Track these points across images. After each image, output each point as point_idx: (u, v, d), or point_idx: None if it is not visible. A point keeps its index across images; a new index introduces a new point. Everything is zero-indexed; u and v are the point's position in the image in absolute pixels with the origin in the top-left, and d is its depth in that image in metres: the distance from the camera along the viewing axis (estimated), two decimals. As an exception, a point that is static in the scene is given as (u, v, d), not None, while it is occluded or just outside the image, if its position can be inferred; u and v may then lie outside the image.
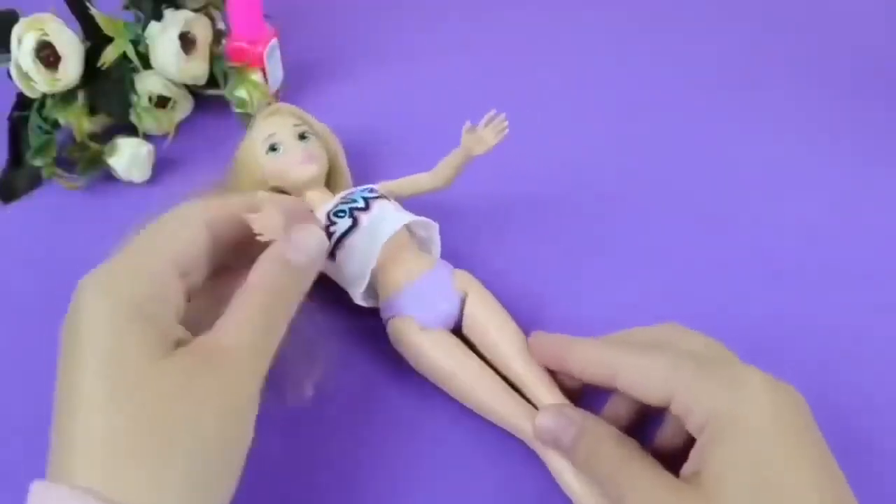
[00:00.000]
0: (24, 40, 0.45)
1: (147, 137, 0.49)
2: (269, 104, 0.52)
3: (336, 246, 0.36)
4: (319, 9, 0.68)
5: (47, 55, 0.45)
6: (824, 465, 0.24)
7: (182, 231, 0.26)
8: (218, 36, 0.52)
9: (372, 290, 0.37)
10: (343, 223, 0.36)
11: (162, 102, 0.50)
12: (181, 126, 0.52)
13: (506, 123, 0.38)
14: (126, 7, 0.50)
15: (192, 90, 0.52)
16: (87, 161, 0.46)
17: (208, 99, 0.53)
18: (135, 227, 0.38)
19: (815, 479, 0.23)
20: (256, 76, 0.51)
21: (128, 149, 0.46)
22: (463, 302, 0.36)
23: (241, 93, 0.51)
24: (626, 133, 0.53)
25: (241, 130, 0.52)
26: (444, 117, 0.55)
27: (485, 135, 0.38)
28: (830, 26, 0.66)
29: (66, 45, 0.45)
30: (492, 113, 0.38)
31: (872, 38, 0.64)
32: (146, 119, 0.49)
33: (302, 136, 0.40)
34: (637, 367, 0.27)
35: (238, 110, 0.52)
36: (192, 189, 0.43)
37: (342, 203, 0.37)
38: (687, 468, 0.25)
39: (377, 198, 0.37)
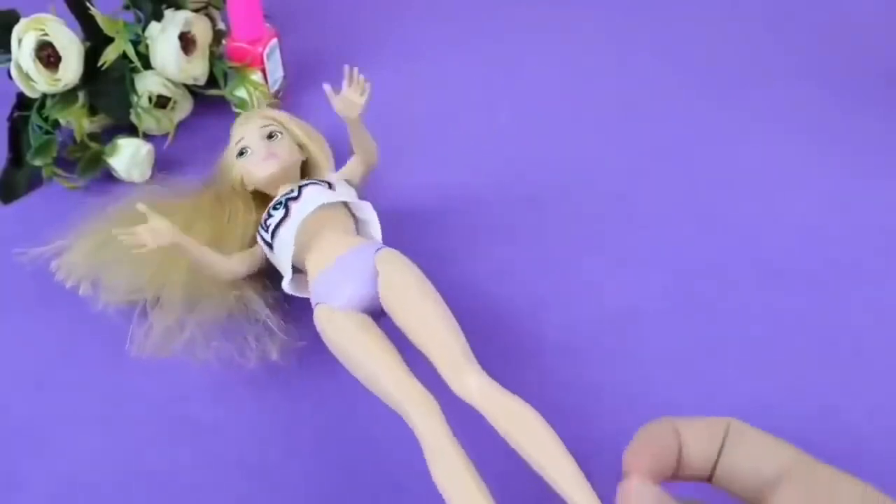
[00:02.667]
0: (24, 40, 0.45)
1: (147, 137, 0.49)
2: (270, 104, 0.52)
3: (272, 237, 0.37)
4: (319, 9, 0.68)
5: (47, 55, 0.45)
6: None
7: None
8: (218, 36, 0.53)
9: (304, 279, 0.38)
10: (277, 214, 0.37)
11: (162, 102, 0.50)
12: (181, 126, 0.52)
13: (363, 78, 0.38)
14: (126, 7, 0.50)
15: (192, 90, 0.52)
16: (87, 161, 0.46)
17: (208, 99, 0.53)
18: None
19: None
20: (256, 76, 0.51)
21: (128, 149, 0.46)
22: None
23: (241, 92, 0.51)
24: (626, 133, 0.53)
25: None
26: (443, 115, 0.55)
27: (350, 95, 0.38)
28: (831, 26, 0.66)
29: (67, 46, 0.45)
30: (347, 69, 0.38)
31: (873, 38, 0.64)
32: (146, 119, 0.49)
33: (270, 136, 0.42)
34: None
35: (238, 110, 0.52)
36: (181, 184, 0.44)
37: (284, 195, 0.38)
38: None
39: (309, 185, 0.39)
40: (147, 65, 0.49)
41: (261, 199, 0.42)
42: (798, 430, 0.34)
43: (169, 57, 0.48)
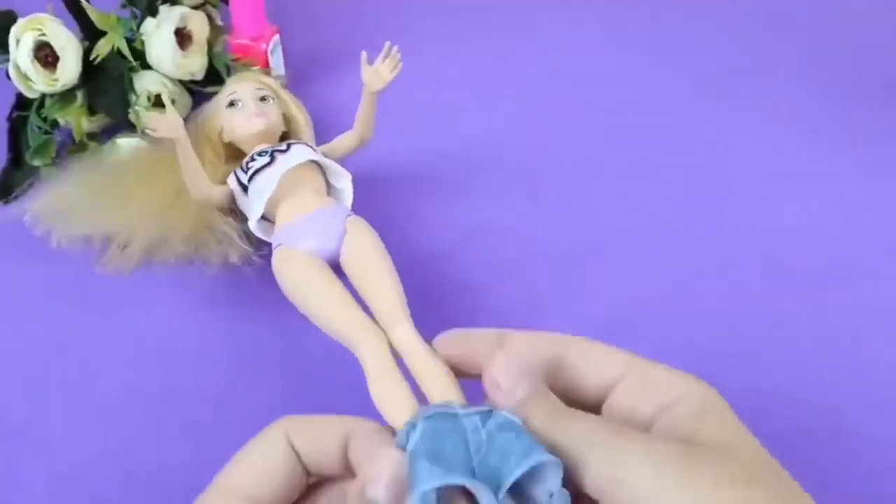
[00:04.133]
0: (22, 40, 0.44)
1: (146, 136, 0.49)
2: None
3: (250, 180, 0.39)
4: (322, 5, 0.68)
5: (45, 55, 0.45)
6: None
7: (261, 459, 0.24)
8: (217, 31, 0.52)
9: (271, 226, 0.39)
10: (261, 160, 0.39)
11: (160, 101, 0.50)
12: (180, 125, 0.52)
13: (399, 56, 0.41)
14: (123, 5, 0.50)
15: (191, 88, 0.52)
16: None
17: (207, 97, 0.52)
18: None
19: None
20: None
21: (127, 148, 0.46)
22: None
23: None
24: (626, 132, 0.53)
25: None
26: (446, 111, 0.55)
27: (381, 69, 0.41)
28: (832, 26, 0.65)
29: (65, 46, 0.45)
30: (387, 45, 0.41)
31: (874, 38, 0.64)
32: (144, 118, 0.49)
33: (262, 98, 0.43)
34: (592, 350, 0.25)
35: (237, 109, 0.52)
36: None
37: (271, 147, 0.40)
38: None
39: (298, 143, 0.40)
40: (144, 62, 0.49)
41: (231, 154, 0.44)
42: (799, 430, 0.34)
43: (164, 53, 0.48)
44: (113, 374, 0.37)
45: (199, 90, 0.52)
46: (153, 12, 0.48)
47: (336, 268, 0.36)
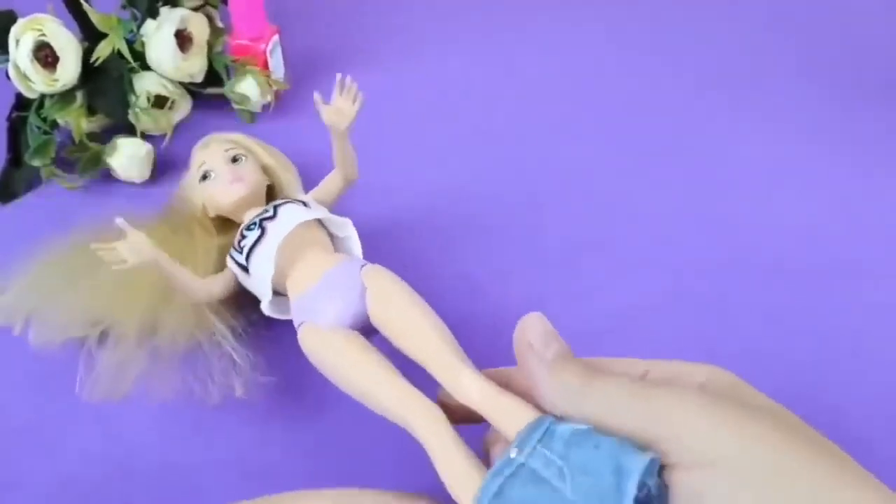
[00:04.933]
0: (21, 41, 0.44)
1: (146, 137, 0.49)
2: (271, 101, 0.52)
3: (247, 259, 0.35)
4: (322, 5, 0.68)
5: (45, 55, 0.45)
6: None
7: None
8: (217, 33, 0.52)
9: (284, 301, 0.36)
10: (252, 235, 0.36)
11: (160, 102, 0.50)
12: (181, 126, 0.52)
13: (355, 86, 0.37)
14: (124, 7, 0.50)
15: (191, 90, 0.52)
16: (86, 161, 0.46)
17: (208, 98, 0.53)
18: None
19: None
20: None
21: (127, 149, 0.46)
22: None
23: (242, 88, 0.51)
24: (626, 132, 0.53)
25: (241, 129, 0.52)
26: (445, 113, 0.55)
27: (342, 105, 0.37)
28: (832, 26, 0.65)
29: (64, 46, 0.45)
30: (339, 78, 0.37)
31: (874, 38, 0.64)
32: (144, 119, 0.49)
33: (234, 160, 0.40)
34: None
35: (238, 107, 0.52)
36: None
37: (258, 216, 0.37)
38: None
39: (284, 203, 0.37)
40: (144, 63, 0.49)
41: (222, 224, 0.41)
42: (799, 430, 0.34)
43: (164, 54, 0.48)
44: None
45: (199, 91, 0.52)
46: (153, 14, 0.49)
47: (368, 328, 0.32)
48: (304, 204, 0.38)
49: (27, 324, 0.38)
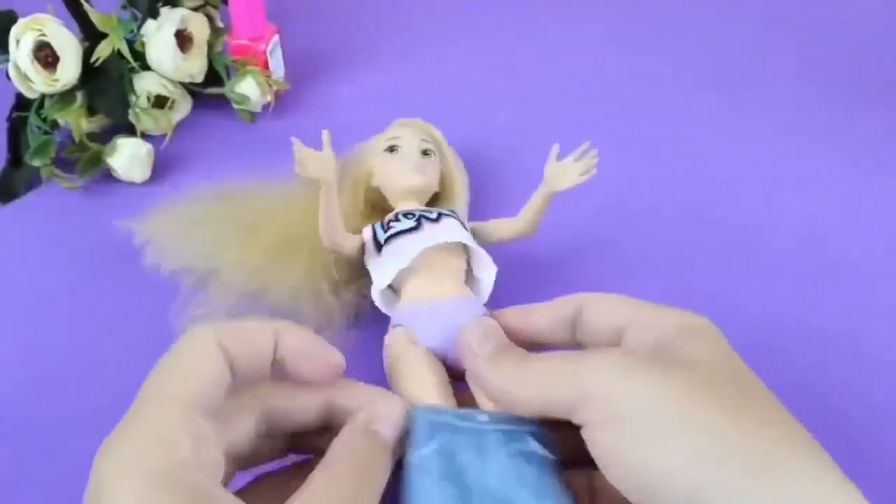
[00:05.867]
0: (22, 41, 0.44)
1: (147, 137, 0.49)
2: (271, 101, 0.52)
3: (387, 241, 0.35)
4: (321, 5, 0.68)
5: (45, 55, 0.45)
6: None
7: (196, 366, 0.22)
8: (217, 33, 0.52)
9: (393, 297, 0.35)
10: (406, 223, 0.35)
11: (160, 102, 0.50)
12: (181, 126, 0.52)
13: (595, 161, 0.36)
14: (124, 6, 0.50)
15: (192, 90, 0.52)
16: (86, 161, 0.46)
17: (208, 98, 0.53)
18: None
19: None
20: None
21: (127, 149, 0.46)
22: None
23: (242, 89, 0.51)
24: (625, 131, 0.53)
25: (241, 129, 0.52)
26: (447, 113, 0.55)
27: (570, 169, 0.37)
28: (832, 26, 0.65)
29: (65, 46, 0.45)
30: (585, 146, 0.37)
31: (873, 37, 0.64)
32: (144, 119, 0.49)
33: (425, 153, 0.40)
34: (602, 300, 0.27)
35: (238, 107, 0.52)
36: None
37: (418, 209, 0.36)
38: None
39: (450, 215, 0.36)
40: (144, 63, 0.49)
41: (370, 202, 0.40)
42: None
43: (164, 55, 0.48)
44: (114, 374, 0.37)
45: (199, 91, 0.52)
46: (154, 14, 0.49)
47: (457, 371, 0.30)
48: (464, 227, 0.37)
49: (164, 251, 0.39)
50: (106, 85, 0.48)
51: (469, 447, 0.24)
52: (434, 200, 0.41)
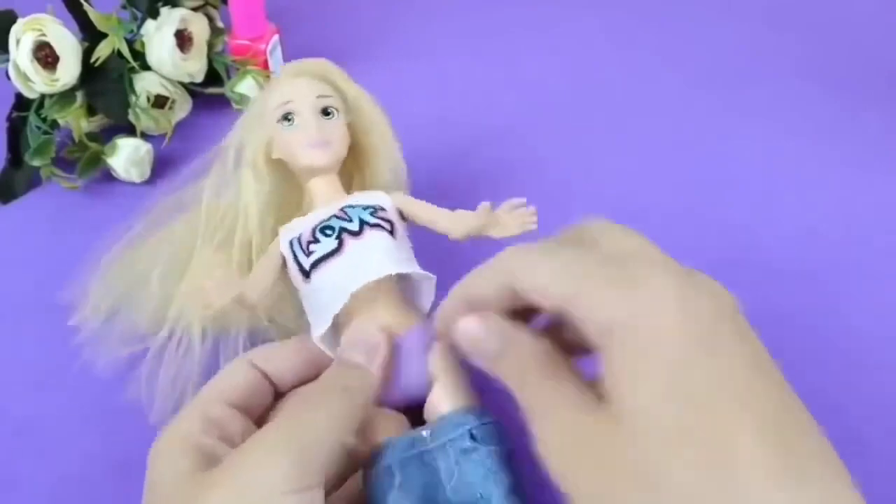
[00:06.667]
0: (22, 41, 0.45)
1: (146, 137, 0.49)
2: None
3: (313, 267, 0.30)
4: (321, 5, 0.68)
5: (45, 55, 0.45)
6: (753, 366, 0.21)
7: (228, 374, 0.29)
8: (217, 33, 0.52)
9: (338, 333, 0.30)
10: (326, 244, 0.30)
11: (160, 102, 0.50)
12: (181, 126, 0.52)
13: (534, 218, 0.33)
14: (124, 6, 0.50)
15: (192, 90, 0.52)
16: (86, 161, 0.46)
17: (208, 98, 0.53)
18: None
19: (742, 381, 0.20)
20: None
21: (127, 149, 0.46)
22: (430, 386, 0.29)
23: (242, 89, 0.51)
24: (625, 131, 0.53)
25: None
26: (446, 114, 0.55)
27: (505, 220, 0.33)
28: (831, 25, 0.65)
29: (64, 46, 0.45)
30: (519, 201, 0.33)
31: (873, 36, 0.64)
32: (144, 119, 0.49)
33: (325, 112, 0.33)
34: (535, 264, 0.23)
35: (238, 107, 0.52)
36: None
37: (336, 217, 0.31)
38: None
39: (376, 225, 0.31)
40: (144, 63, 0.49)
41: (276, 171, 0.34)
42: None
43: (164, 54, 0.48)
44: (113, 375, 0.37)
45: (199, 91, 0.52)
46: (154, 14, 0.49)
47: (421, 400, 0.29)
48: (391, 229, 0.31)
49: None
50: (106, 85, 0.48)
51: (422, 467, 0.26)
52: (355, 163, 0.36)
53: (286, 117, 0.33)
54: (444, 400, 0.28)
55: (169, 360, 0.34)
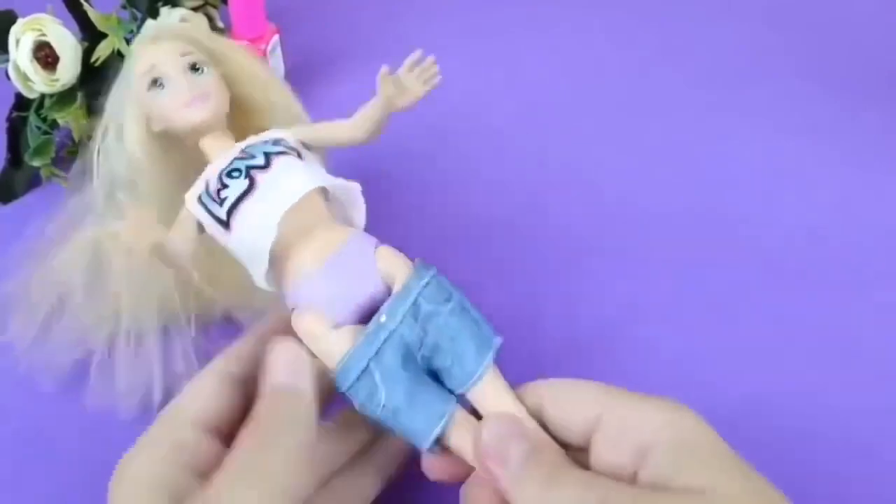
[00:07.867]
0: (21, 41, 0.45)
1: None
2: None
3: (230, 214, 0.28)
4: (321, 5, 0.68)
5: (45, 55, 0.45)
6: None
7: (196, 392, 0.27)
8: (217, 33, 0.52)
9: (283, 271, 0.29)
10: (236, 186, 0.29)
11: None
12: (180, 125, 0.52)
13: (435, 69, 0.31)
14: (124, 6, 0.50)
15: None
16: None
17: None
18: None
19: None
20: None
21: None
22: (389, 290, 0.28)
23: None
24: (626, 131, 0.53)
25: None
26: (446, 112, 0.55)
27: (408, 83, 0.31)
28: (831, 24, 0.65)
29: (64, 46, 0.45)
30: (416, 55, 0.31)
31: (873, 36, 0.64)
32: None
33: (193, 68, 0.32)
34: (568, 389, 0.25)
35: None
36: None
37: (239, 159, 0.30)
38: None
39: (281, 153, 0.30)
40: (144, 64, 0.49)
41: (165, 143, 0.33)
42: (803, 431, 0.34)
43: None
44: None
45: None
46: (154, 14, 0.49)
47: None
48: (298, 154, 0.31)
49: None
50: (106, 85, 0.48)
51: (394, 348, 0.26)
52: (248, 121, 0.34)
53: (155, 82, 0.31)
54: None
55: (122, 358, 0.34)
